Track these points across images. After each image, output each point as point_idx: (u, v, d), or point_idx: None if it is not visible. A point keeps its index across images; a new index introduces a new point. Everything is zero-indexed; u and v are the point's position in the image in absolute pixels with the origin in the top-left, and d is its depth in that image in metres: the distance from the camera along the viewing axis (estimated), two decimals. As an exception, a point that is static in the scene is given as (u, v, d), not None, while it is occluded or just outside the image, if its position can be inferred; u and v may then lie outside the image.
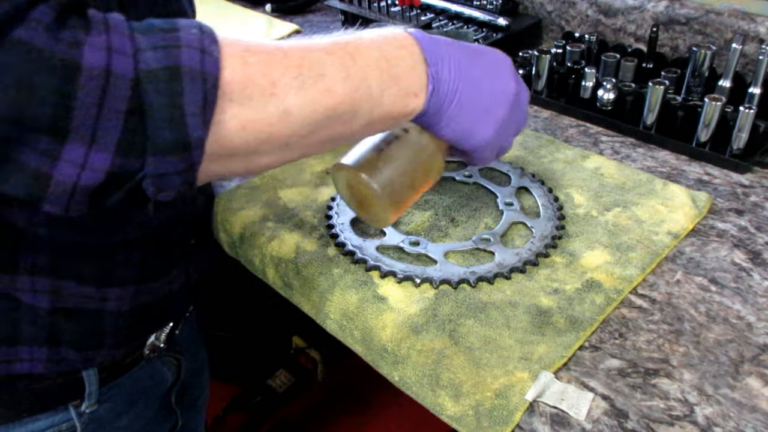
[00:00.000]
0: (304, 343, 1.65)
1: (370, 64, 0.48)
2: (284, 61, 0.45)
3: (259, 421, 1.56)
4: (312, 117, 0.46)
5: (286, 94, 0.44)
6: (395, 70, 0.50)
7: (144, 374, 0.70)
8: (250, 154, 0.46)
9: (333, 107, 0.46)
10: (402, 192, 0.58)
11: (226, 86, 0.42)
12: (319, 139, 0.48)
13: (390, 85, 0.49)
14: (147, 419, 0.73)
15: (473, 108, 0.54)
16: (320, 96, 0.46)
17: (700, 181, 0.81)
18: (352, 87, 0.47)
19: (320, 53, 0.47)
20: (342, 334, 0.65)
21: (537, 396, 0.54)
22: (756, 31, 0.96)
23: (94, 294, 0.60)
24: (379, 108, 0.49)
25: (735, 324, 0.60)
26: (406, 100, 0.51)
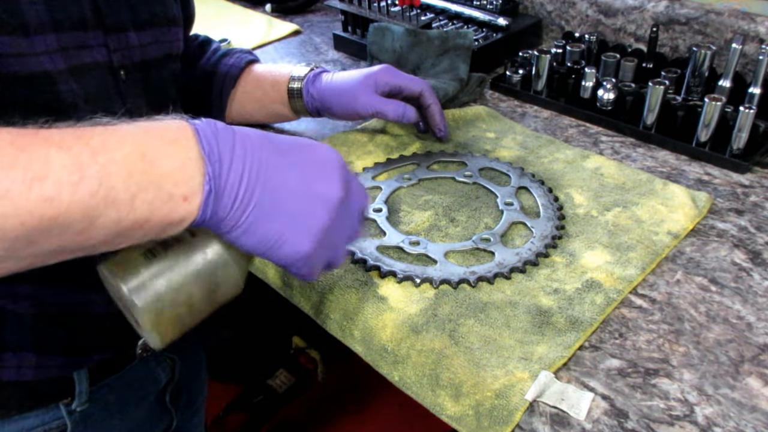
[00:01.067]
0: (304, 343, 1.65)
1: (117, 162, 0.40)
2: None
3: (259, 421, 1.56)
4: (21, 229, 0.37)
5: None
6: (155, 169, 0.41)
7: (137, 374, 0.70)
8: None
9: (53, 218, 0.38)
10: (174, 312, 0.47)
11: None
12: (39, 251, 0.39)
13: (144, 188, 0.40)
14: (140, 418, 0.73)
15: (279, 216, 0.46)
16: (33, 206, 0.37)
17: (700, 181, 0.81)
18: (86, 193, 0.38)
19: (47, 149, 0.38)
20: (342, 334, 0.65)
21: (537, 396, 0.54)
22: (756, 31, 0.96)
23: (78, 298, 0.60)
24: (130, 216, 0.40)
25: (735, 324, 0.60)
26: (171, 205, 0.42)
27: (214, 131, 0.44)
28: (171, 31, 0.66)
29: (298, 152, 0.48)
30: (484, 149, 0.89)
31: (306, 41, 1.28)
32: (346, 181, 0.49)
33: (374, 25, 1.07)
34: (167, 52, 0.66)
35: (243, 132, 0.46)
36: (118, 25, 0.58)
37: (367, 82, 0.80)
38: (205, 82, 0.84)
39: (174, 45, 0.67)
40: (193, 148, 0.43)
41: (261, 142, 0.46)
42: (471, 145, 0.90)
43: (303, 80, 0.83)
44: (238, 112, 0.87)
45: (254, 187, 0.45)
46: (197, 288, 0.47)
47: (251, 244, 0.46)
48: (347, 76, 0.82)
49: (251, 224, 0.45)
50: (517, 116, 0.98)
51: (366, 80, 0.80)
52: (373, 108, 0.80)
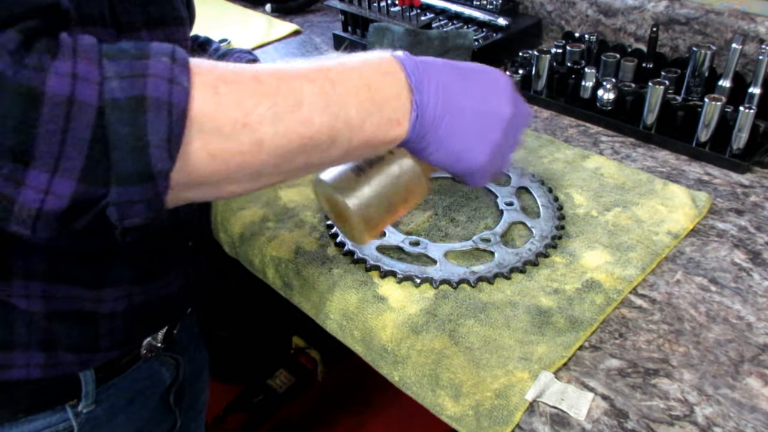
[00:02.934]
0: (304, 343, 1.65)
1: (351, 92, 0.47)
2: (259, 89, 0.43)
3: (259, 421, 1.56)
4: (287, 147, 0.44)
5: (259, 125, 0.43)
6: (377, 97, 0.48)
7: (141, 374, 0.70)
8: (220, 183, 0.45)
9: (309, 137, 0.45)
10: (379, 215, 0.58)
11: (195, 117, 0.41)
12: (294, 167, 0.47)
13: (371, 113, 0.48)
14: (145, 419, 0.73)
15: (463, 133, 0.53)
16: (296, 126, 0.44)
17: (700, 181, 0.81)
18: (331, 116, 0.46)
19: (299, 80, 0.45)
20: (342, 334, 0.65)
21: (537, 396, 0.54)
22: (756, 31, 0.96)
23: (89, 295, 0.60)
24: (359, 136, 0.48)
25: (735, 324, 0.60)
26: (388, 128, 0.49)
27: (415, 64, 0.51)
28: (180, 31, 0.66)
29: (476, 76, 0.54)
30: (484, 149, 0.89)
31: (306, 41, 1.28)
32: (515, 100, 0.56)
33: (374, 25, 1.07)
34: None
35: (434, 64, 0.52)
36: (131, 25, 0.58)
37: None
38: None
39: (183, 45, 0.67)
40: (403, 80, 0.50)
41: (448, 70, 0.52)
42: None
43: None
44: None
45: (444, 112, 0.51)
46: (398, 197, 0.57)
47: (438, 159, 0.54)
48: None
49: (441, 142, 0.52)
50: (517, 116, 0.98)
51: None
52: None
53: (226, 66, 0.44)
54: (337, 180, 0.56)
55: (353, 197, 0.55)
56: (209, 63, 0.43)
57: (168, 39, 0.64)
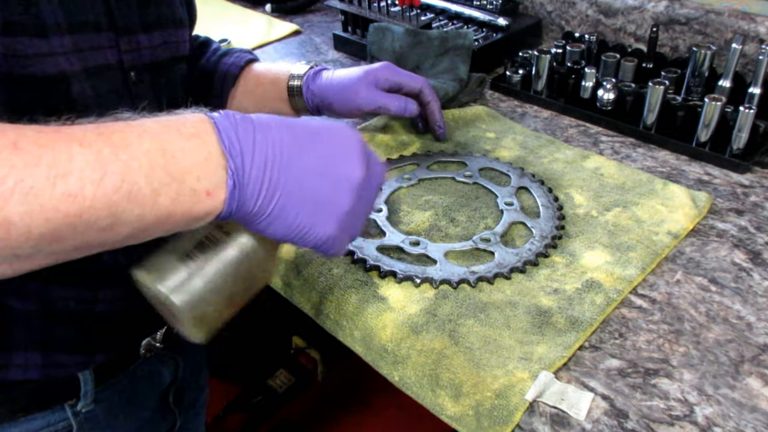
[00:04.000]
0: (304, 343, 1.65)
1: (139, 158, 0.40)
2: (11, 160, 0.36)
3: (259, 421, 1.56)
4: (46, 226, 0.38)
5: (5, 202, 0.36)
6: (176, 165, 0.41)
7: (141, 373, 0.70)
8: None
9: (77, 215, 0.38)
10: (216, 309, 0.49)
11: None
12: (64, 248, 0.40)
13: (167, 183, 0.41)
14: (144, 418, 0.73)
15: (303, 204, 0.46)
16: (57, 203, 0.37)
17: (700, 181, 0.81)
18: (109, 189, 0.39)
19: (70, 146, 0.38)
20: (342, 334, 0.65)
21: (537, 396, 0.54)
22: (756, 31, 0.96)
23: (85, 296, 0.60)
24: (154, 211, 0.41)
25: (735, 324, 0.60)
26: (194, 200, 0.42)
27: (233, 123, 0.44)
28: (178, 33, 0.66)
29: (317, 137, 0.48)
30: (484, 149, 0.89)
31: (306, 41, 1.28)
32: (367, 160, 0.50)
33: (374, 25, 1.07)
34: (175, 54, 0.67)
35: (262, 121, 0.46)
36: (129, 27, 0.59)
37: (368, 78, 0.80)
38: (205, 81, 0.84)
39: (181, 46, 0.68)
40: (213, 143, 0.43)
41: (280, 130, 0.46)
42: (471, 145, 0.90)
43: (303, 78, 0.83)
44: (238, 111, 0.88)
45: (278, 178, 0.45)
46: (233, 282, 0.49)
47: (280, 233, 0.47)
48: (347, 73, 0.82)
49: (279, 214, 0.46)
50: (517, 116, 0.98)
51: (366, 76, 0.80)
52: (375, 103, 0.80)
53: None
54: (159, 270, 0.47)
55: (180, 292, 0.46)
56: None
57: (165, 41, 0.65)
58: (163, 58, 0.64)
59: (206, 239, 0.48)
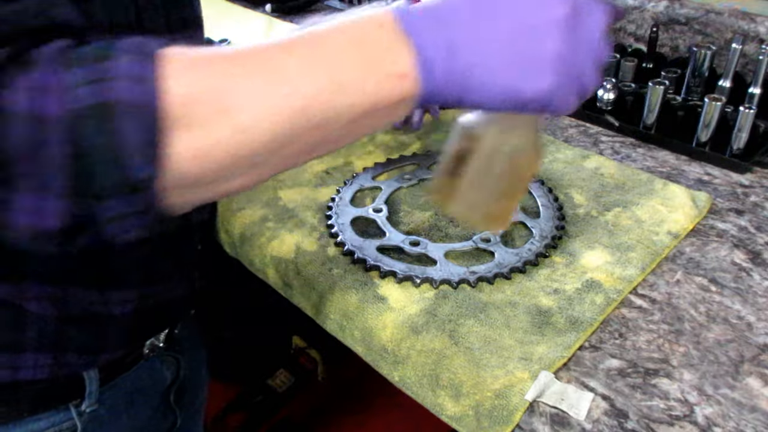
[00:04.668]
0: (304, 343, 1.65)
1: (337, 52, 0.42)
2: (232, 69, 0.39)
3: (259, 421, 1.56)
4: (276, 127, 0.40)
5: (239, 107, 0.39)
6: (372, 53, 0.42)
7: (143, 373, 0.70)
8: (215, 181, 0.41)
9: (300, 110, 0.40)
10: (502, 206, 0.52)
11: (171, 114, 0.37)
12: (293, 151, 0.43)
13: (367, 72, 0.42)
14: (146, 418, 0.73)
15: (503, 58, 0.43)
16: (281, 101, 0.40)
17: (700, 181, 0.81)
18: (319, 84, 0.41)
19: (278, 53, 0.41)
20: (342, 334, 0.65)
21: (537, 396, 0.54)
22: (756, 31, 0.96)
23: (99, 299, 0.60)
24: (362, 100, 0.42)
25: (735, 324, 0.60)
26: (393, 84, 0.43)
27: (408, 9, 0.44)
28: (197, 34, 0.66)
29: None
30: (484, 149, 0.89)
31: (306, 41, 1.28)
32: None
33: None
34: None
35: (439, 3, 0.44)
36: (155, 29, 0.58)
37: None
38: None
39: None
40: (394, 27, 0.43)
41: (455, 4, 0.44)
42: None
43: None
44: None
45: (465, 45, 0.43)
46: (510, 181, 0.51)
47: (491, 101, 0.45)
48: None
49: (479, 80, 0.44)
50: (517, 116, 0.98)
51: None
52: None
53: (198, 52, 0.40)
54: (438, 190, 0.53)
55: (460, 206, 0.51)
56: (179, 51, 0.39)
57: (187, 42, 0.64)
58: None
59: (463, 149, 0.51)
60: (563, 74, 0.45)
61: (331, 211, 0.75)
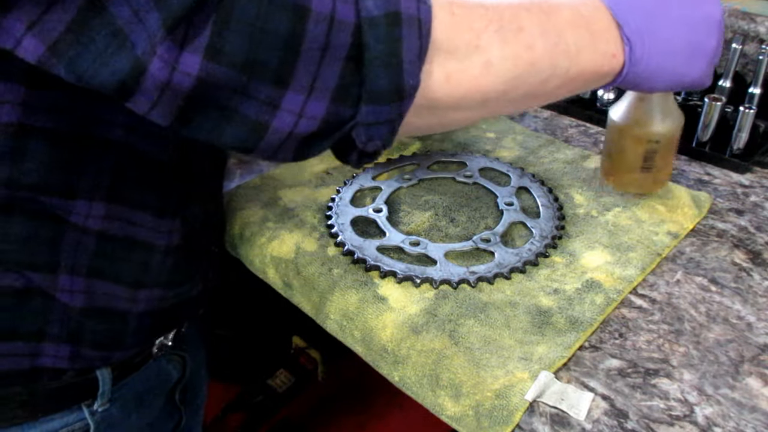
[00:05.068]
0: (304, 343, 1.65)
1: (566, 22, 0.48)
2: (486, 14, 0.45)
3: (259, 420, 1.56)
4: (512, 71, 0.46)
5: (489, 46, 0.44)
6: (591, 29, 0.50)
7: (151, 372, 0.71)
8: (450, 108, 0.46)
9: (532, 62, 0.47)
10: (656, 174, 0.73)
11: (435, 37, 0.42)
12: (516, 96, 0.48)
13: (587, 43, 0.49)
14: (153, 417, 0.73)
15: (682, 52, 0.53)
16: (521, 50, 0.46)
17: (700, 181, 0.81)
18: (550, 43, 0.47)
19: (517, 9, 0.47)
20: (342, 334, 0.65)
21: (537, 396, 0.54)
22: (756, 31, 0.96)
23: (126, 295, 0.61)
24: (577, 66, 0.49)
25: (735, 324, 0.60)
26: (604, 60, 0.51)
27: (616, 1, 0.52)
28: None
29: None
30: (484, 149, 0.89)
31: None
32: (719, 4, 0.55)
33: None
34: None
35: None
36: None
37: None
38: None
39: None
40: (609, 14, 0.51)
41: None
42: (471, 145, 0.90)
43: None
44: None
45: (656, 37, 0.51)
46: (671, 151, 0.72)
47: (663, 86, 0.55)
48: None
49: (662, 69, 0.53)
50: (517, 116, 0.98)
51: None
52: None
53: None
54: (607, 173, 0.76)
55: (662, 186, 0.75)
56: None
57: None
58: None
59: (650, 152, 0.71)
60: (713, 61, 0.56)
61: (331, 211, 0.75)
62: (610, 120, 0.73)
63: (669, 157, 0.73)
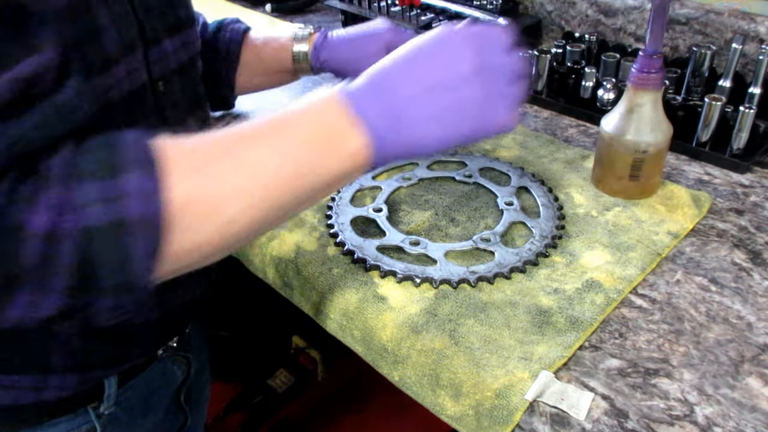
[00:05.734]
0: (304, 343, 1.65)
1: (303, 142, 0.47)
2: (221, 168, 0.44)
3: (259, 420, 1.56)
4: (255, 216, 0.46)
5: (226, 207, 0.44)
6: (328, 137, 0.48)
7: (156, 374, 0.71)
8: (200, 262, 0.47)
9: (276, 200, 0.46)
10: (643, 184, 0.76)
11: (169, 219, 0.42)
12: (268, 225, 0.49)
13: (328, 155, 0.48)
14: (159, 418, 0.73)
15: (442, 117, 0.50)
16: (261, 194, 0.45)
17: (700, 181, 0.81)
18: (291, 173, 0.46)
19: (253, 145, 0.46)
20: (342, 334, 0.65)
21: (537, 396, 0.54)
22: (756, 31, 0.96)
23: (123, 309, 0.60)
24: (324, 179, 0.48)
25: (735, 324, 0.60)
26: (349, 161, 0.49)
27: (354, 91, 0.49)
28: (192, 31, 0.66)
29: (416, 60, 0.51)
30: (484, 149, 0.89)
31: (306, 41, 1.28)
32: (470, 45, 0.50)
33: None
34: (192, 54, 0.66)
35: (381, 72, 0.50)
36: (156, 36, 0.57)
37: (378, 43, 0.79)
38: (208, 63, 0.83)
39: (196, 44, 0.67)
40: (346, 113, 0.49)
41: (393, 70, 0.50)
42: (471, 145, 0.90)
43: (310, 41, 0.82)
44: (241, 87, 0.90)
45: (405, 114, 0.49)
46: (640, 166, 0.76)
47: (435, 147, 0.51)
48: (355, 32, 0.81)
49: (427, 138, 0.50)
50: (517, 116, 0.98)
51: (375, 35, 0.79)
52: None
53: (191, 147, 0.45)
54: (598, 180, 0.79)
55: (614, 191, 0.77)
56: (176, 149, 0.43)
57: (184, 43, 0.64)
58: (185, 59, 0.63)
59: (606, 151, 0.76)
60: (492, 106, 0.51)
61: (331, 211, 0.75)
62: (602, 129, 0.75)
63: (657, 167, 0.75)
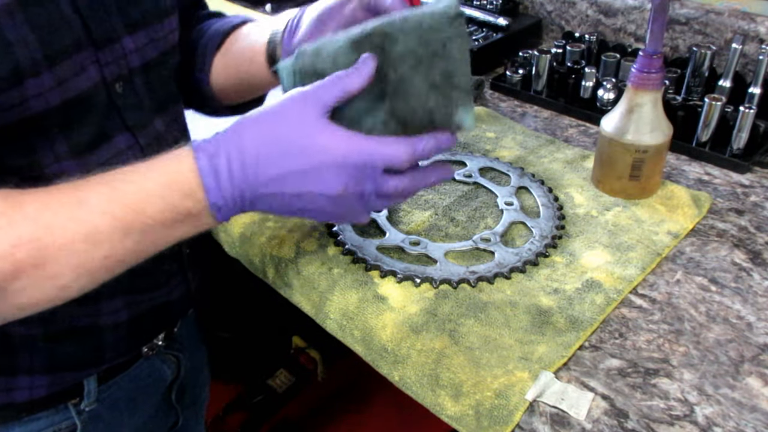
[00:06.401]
0: (304, 343, 1.65)
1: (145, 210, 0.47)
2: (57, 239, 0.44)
3: (259, 420, 1.56)
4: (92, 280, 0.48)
5: (61, 274, 0.45)
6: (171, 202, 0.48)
7: (143, 372, 0.70)
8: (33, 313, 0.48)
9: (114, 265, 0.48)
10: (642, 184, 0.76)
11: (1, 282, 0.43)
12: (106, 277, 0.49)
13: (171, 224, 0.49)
14: (147, 416, 0.73)
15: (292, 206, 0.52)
16: (98, 263, 0.46)
17: (700, 181, 0.81)
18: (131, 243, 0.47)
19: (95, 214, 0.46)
20: (342, 334, 0.65)
21: (537, 396, 0.54)
22: (756, 31, 0.96)
23: (85, 311, 0.59)
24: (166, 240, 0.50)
25: (735, 324, 0.60)
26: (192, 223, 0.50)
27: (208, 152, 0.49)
28: (164, 25, 0.62)
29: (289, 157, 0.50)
30: (484, 149, 0.89)
31: (306, 41, 1.28)
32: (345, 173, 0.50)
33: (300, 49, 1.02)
34: (164, 50, 0.62)
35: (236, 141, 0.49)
36: (110, 36, 0.54)
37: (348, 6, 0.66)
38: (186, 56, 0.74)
39: (169, 38, 0.63)
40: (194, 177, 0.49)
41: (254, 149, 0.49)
42: (471, 145, 0.90)
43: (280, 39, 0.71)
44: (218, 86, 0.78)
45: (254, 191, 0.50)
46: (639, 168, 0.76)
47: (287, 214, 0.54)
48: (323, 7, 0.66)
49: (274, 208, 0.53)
50: (517, 116, 0.98)
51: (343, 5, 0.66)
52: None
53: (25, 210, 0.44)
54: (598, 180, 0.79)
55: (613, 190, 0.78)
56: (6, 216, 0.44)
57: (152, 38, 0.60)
58: (153, 56, 0.60)
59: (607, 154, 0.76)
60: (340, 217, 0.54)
61: (331, 211, 0.75)
62: (602, 129, 0.75)
63: (657, 167, 0.75)
